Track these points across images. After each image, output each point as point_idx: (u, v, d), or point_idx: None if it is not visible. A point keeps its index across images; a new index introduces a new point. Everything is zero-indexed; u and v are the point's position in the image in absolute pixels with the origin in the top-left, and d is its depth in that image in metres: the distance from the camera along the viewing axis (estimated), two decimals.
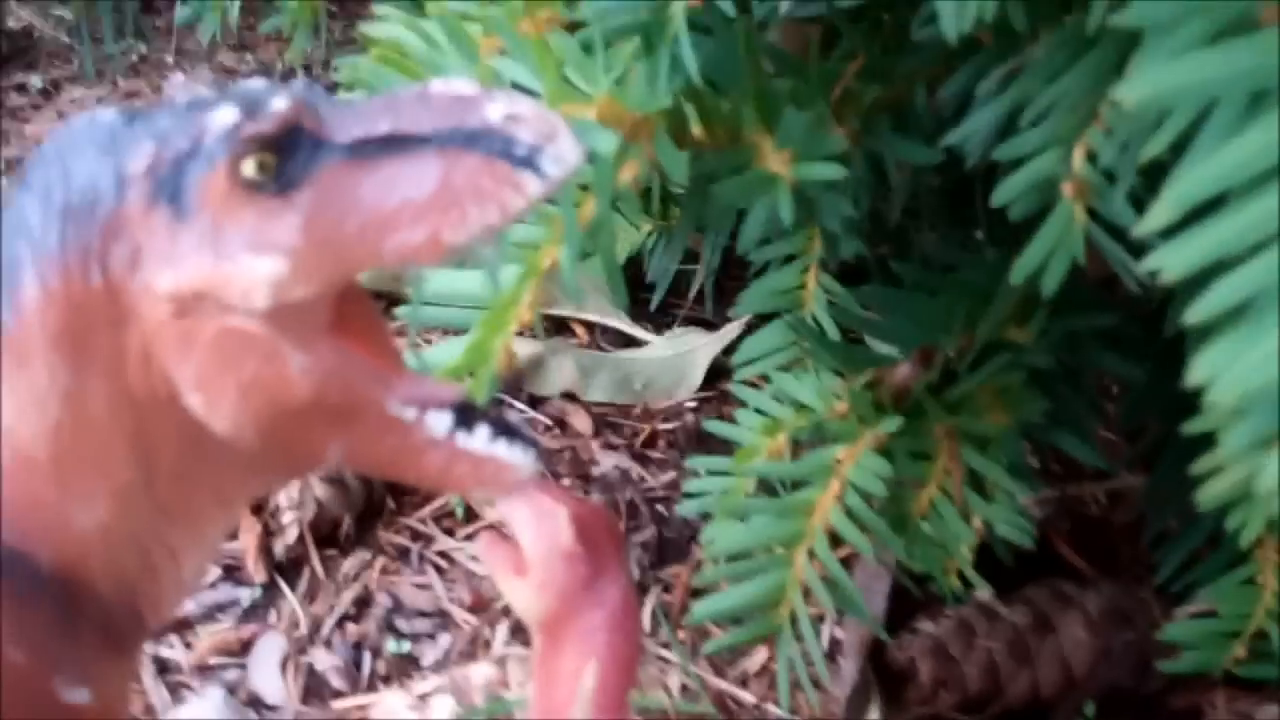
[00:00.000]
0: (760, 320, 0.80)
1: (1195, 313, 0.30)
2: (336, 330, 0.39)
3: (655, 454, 0.94)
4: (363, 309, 0.41)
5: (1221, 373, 0.29)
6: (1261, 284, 0.29)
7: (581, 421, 0.96)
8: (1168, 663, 0.70)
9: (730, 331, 0.98)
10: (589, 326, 1.03)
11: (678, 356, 0.99)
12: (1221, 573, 0.68)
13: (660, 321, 1.04)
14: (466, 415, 0.40)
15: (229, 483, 0.41)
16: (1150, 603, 0.76)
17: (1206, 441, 0.53)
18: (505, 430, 0.40)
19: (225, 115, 0.36)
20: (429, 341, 0.95)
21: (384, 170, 0.36)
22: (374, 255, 0.36)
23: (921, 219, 0.84)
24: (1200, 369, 0.30)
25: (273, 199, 0.36)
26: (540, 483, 0.48)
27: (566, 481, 0.91)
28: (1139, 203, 0.45)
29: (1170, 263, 0.29)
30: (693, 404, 0.97)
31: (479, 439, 0.39)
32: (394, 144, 0.36)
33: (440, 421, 0.39)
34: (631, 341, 1.03)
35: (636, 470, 0.92)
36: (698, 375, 0.98)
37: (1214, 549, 0.70)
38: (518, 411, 0.97)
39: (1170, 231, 0.31)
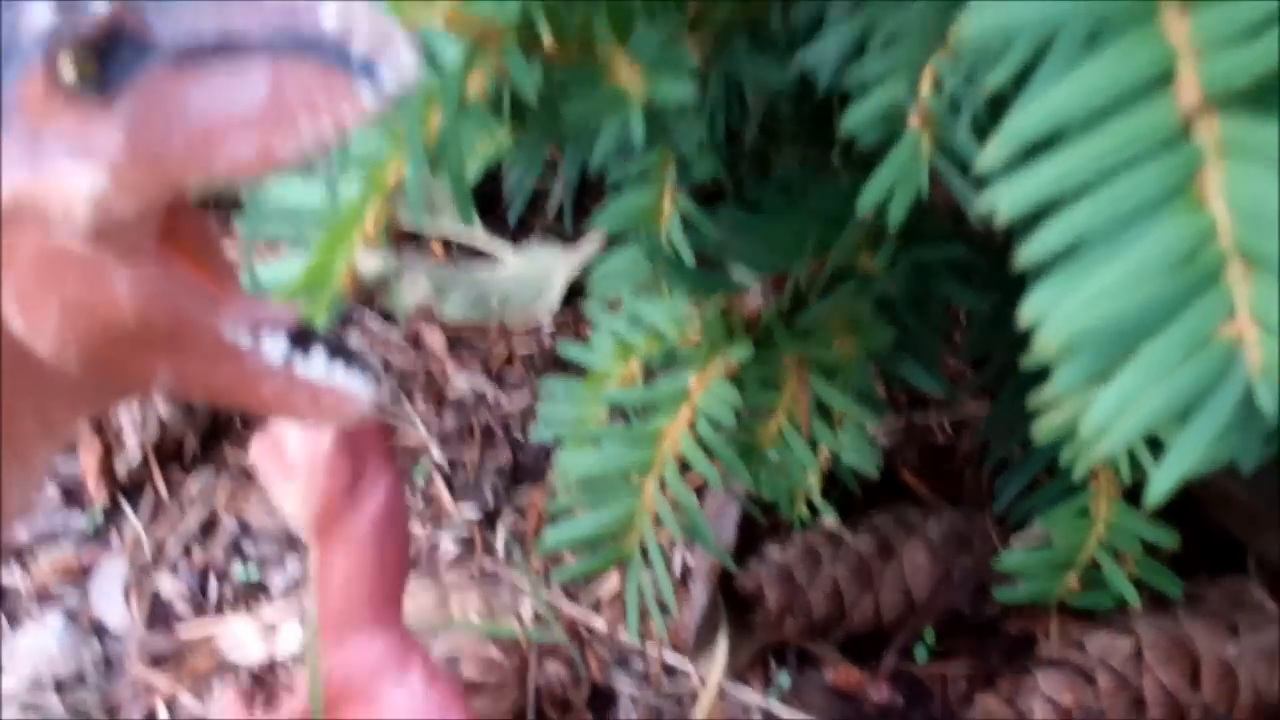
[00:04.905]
0: (620, 238, 0.79)
1: (1027, 254, 0.30)
2: (167, 247, 0.38)
3: (511, 376, 0.93)
4: (196, 225, 0.40)
5: (1049, 313, 0.29)
6: (1090, 224, 0.29)
7: (436, 339, 0.95)
8: (1003, 591, 0.72)
9: (587, 249, 0.97)
10: (445, 241, 1.02)
11: (535, 273, 0.98)
12: (1057, 502, 0.70)
13: (518, 237, 1.02)
14: (303, 341, 0.39)
15: (55, 407, 0.40)
16: (989, 530, 0.77)
17: (1046, 373, 0.54)
18: (344, 357, 0.39)
19: (40, 15, 0.34)
20: (277, 252, 0.92)
21: (212, 78, 0.34)
22: (202, 167, 0.35)
23: (781, 141, 0.84)
24: (1030, 309, 0.30)
25: (94, 105, 0.34)
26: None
27: (419, 403, 0.90)
28: (986, 134, 0.45)
29: (1004, 202, 0.29)
30: (550, 325, 0.97)
31: (316, 366, 0.39)
32: (223, 50, 0.34)
33: (275, 348, 0.38)
34: (488, 257, 1.01)
35: (492, 392, 0.91)
36: (556, 293, 0.97)
37: (1052, 477, 0.72)
38: (370, 327, 0.95)
39: (1012, 167, 0.31)
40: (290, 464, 0.47)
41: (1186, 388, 0.29)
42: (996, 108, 0.43)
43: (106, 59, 0.34)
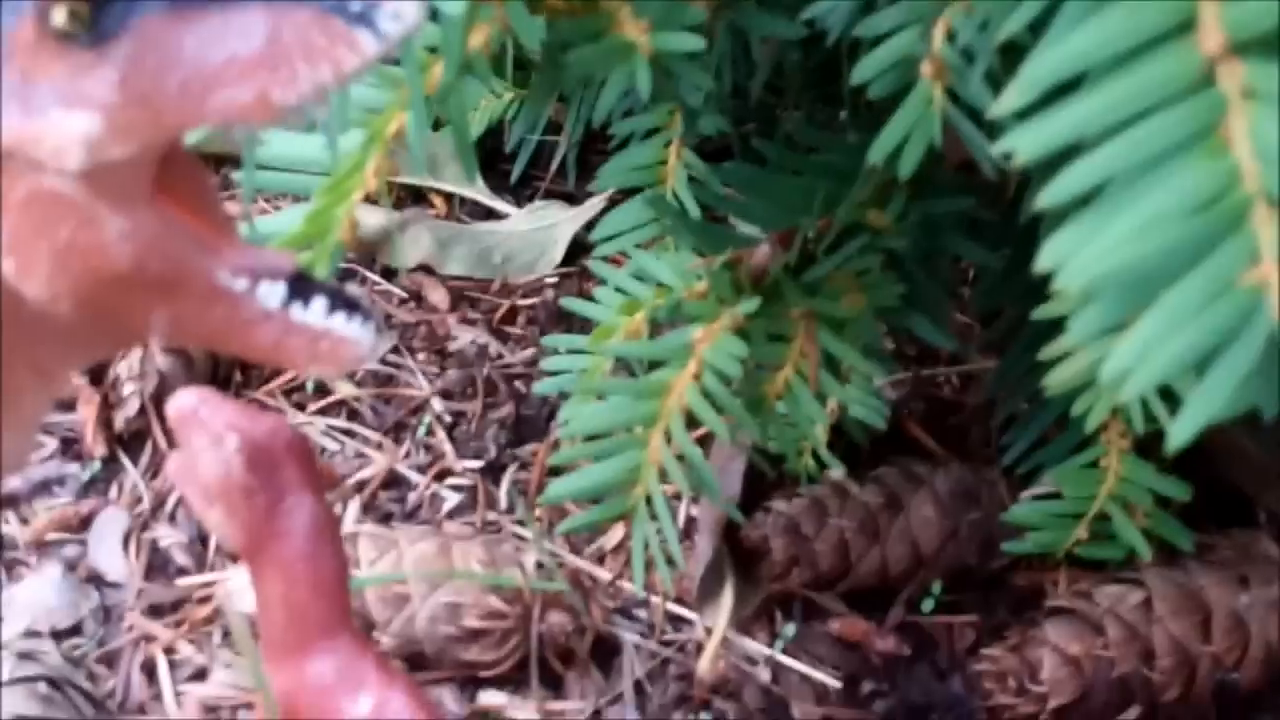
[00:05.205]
0: (623, 195, 0.78)
1: (1047, 197, 0.29)
2: (162, 195, 0.37)
3: (514, 330, 0.92)
4: (191, 173, 0.39)
5: (1069, 258, 0.29)
6: (1112, 169, 0.28)
7: (438, 295, 0.94)
8: (1012, 543, 0.72)
9: (592, 206, 0.97)
10: (447, 197, 1.01)
11: (538, 230, 0.97)
12: (1067, 456, 0.70)
13: (521, 193, 1.01)
14: (302, 287, 0.38)
15: (47, 354, 0.39)
16: (997, 484, 0.77)
17: (1056, 327, 0.54)
18: (344, 303, 0.38)
19: None
20: (278, 207, 0.91)
21: (208, 23, 0.33)
22: (197, 113, 0.34)
23: (786, 96, 0.83)
24: (1049, 254, 0.29)
25: (86, 51, 0.34)
26: (214, 401, 0.45)
27: (421, 356, 0.89)
28: (999, 85, 0.44)
29: (1023, 145, 0.29)
30: (553, 280, 0.96)
31: (315, 312, 0.37)
32: None
33: (273, 293, 0.37)
34: (491, 213, 1.00)
35: (495, 346, 0.91)
36: (559, 250, 0.96)
37: (1061, 432, 0.71)
38: (371, 283, 0.94)
39: (1026, 114, 0.30)
40: (206, 487, 0.45)
41: (1209, 334, 0.28)
42: (1009, 58, 0.42)
43: (98, 4, 0.34)
